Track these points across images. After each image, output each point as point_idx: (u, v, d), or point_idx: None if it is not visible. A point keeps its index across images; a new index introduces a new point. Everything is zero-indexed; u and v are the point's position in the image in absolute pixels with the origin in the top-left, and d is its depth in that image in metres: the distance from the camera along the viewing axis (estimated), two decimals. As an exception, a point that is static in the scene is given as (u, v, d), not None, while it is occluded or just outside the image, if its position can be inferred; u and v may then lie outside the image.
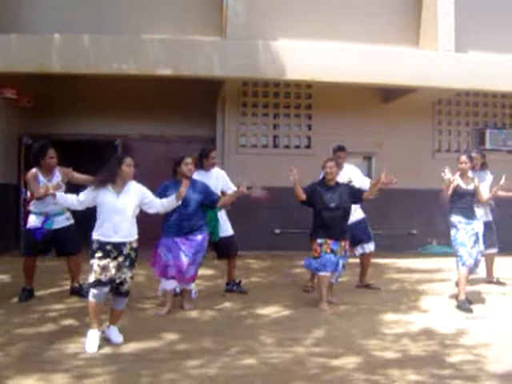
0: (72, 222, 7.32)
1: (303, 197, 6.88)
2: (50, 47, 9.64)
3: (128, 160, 5.44)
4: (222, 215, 7.61)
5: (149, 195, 5.67)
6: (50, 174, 7.14)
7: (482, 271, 8.16)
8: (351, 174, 7.89)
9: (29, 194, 7.20)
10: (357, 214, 7.92)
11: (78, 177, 7.25)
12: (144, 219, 5.87)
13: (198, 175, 7.02)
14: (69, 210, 7.25)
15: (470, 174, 7.22)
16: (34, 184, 6.97)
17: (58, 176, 7.13)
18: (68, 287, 7.56)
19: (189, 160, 6.62)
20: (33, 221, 7.15)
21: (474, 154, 7.86)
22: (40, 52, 9.62)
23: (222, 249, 7.63)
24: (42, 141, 7.81)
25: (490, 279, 8.44)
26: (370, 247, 8.03)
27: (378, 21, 11.04)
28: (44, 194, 5.98)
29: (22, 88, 10.71)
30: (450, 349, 5.41)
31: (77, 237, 7.33)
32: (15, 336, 5.65)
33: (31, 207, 7.23)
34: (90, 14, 10.51)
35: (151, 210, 5.76)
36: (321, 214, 6.92)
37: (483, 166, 8.34)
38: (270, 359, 5.04)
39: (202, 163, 7.45)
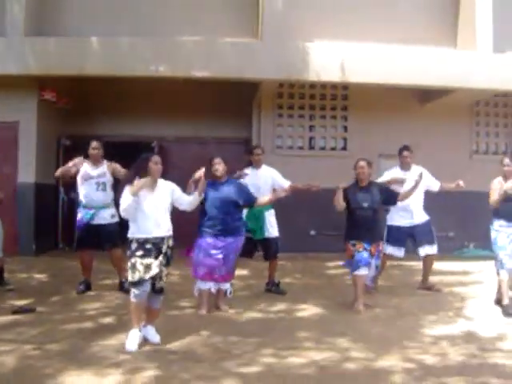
0: (117, 219, 7.42)
1: (342, 207, 6.89)
2: (88, 50, 9.78)
3: (155, 158, 5.49)
4: (270, 216, 7.68)
5: (177, 191, 5.72)
6: (97, 165, 7.58)
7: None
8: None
9: None
10: (422, 215, 7.98)
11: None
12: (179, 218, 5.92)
13: (250, 173, 7.55)
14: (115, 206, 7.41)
15: None
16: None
17: (104, 168, 7.57)
18: (106, 284, 7.85)
19: (216, 160, 6.67)
20: (79, 214, 7.57)
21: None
22: (78, 55, 9.77)
23: (265, 249, 7.73)
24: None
25: None
26: (433, 249, 7.98)
27: (415, 21, 10.93)
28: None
29: (60, 90, 10.88)
30: (491, 353, 5.30)
31: (118, 233, 7.43)
32: (57, 333, 5.74)
33: (80, 200, 7.62)
34: (126, 17, 10.65)
35: (182, 207, 5.81)
36: (354, 215, 6.90)
37: None
38: (317, 360, 5.04)
39: (251, 161, 7.78)
